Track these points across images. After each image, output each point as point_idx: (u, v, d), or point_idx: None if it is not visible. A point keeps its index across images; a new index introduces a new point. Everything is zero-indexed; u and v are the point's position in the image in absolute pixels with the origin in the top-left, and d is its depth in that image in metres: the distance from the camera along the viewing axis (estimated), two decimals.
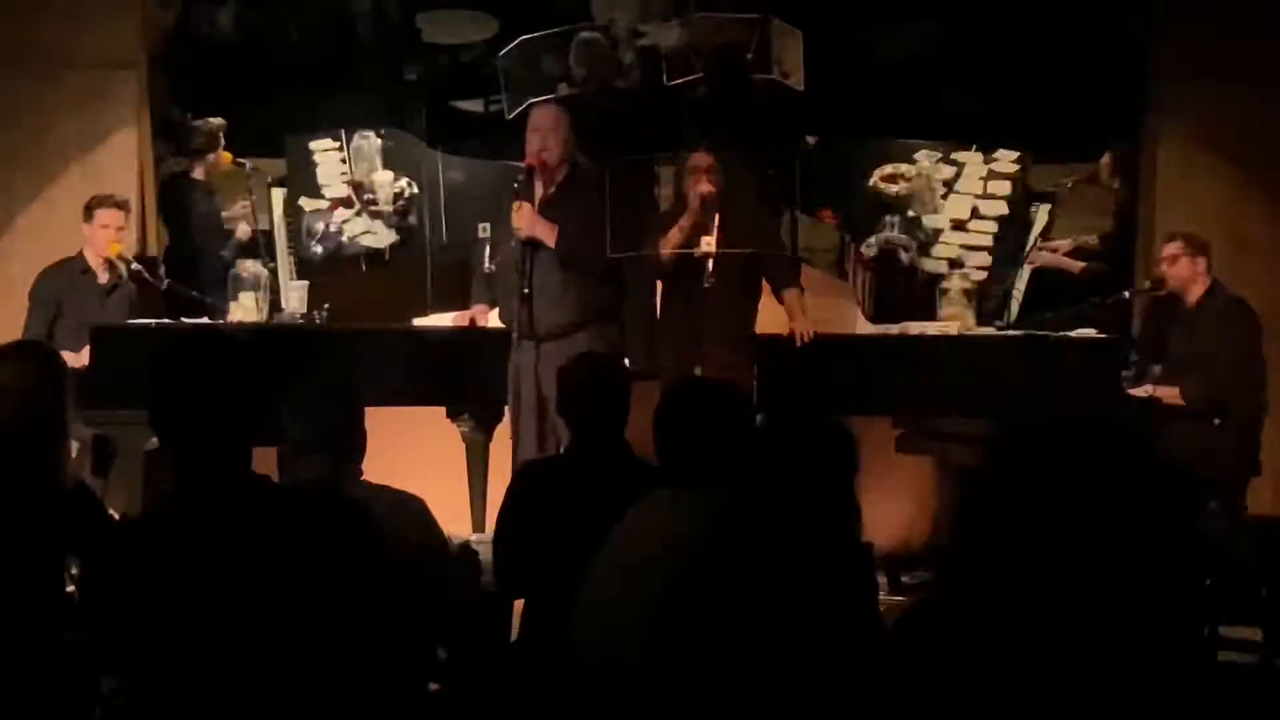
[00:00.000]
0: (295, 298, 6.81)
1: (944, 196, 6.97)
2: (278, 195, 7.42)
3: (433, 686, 3.74)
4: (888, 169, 6.98)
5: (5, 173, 7.25)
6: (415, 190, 7.27)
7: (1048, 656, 2.19)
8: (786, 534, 3.09)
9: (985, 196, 7.00)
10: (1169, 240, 6.55)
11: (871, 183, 6.98)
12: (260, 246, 7.18)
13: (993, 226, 6.96)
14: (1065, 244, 7.38)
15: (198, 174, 7.46)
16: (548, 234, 6.11)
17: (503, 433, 6.45)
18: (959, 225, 6.97)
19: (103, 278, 6.67)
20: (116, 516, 4.46)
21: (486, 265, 6.24)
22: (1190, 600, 3.26)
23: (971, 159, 7.02)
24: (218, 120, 7.38)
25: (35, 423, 3.70)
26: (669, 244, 6.15)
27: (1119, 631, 2.30)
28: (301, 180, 7.31)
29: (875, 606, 3.23)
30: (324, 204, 7.28)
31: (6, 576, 3.53)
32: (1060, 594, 2.20)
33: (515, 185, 6.18)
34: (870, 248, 6.88)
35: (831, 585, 3.05)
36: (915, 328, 6.48)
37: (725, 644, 2.97)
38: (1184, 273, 6.46)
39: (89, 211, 6.64)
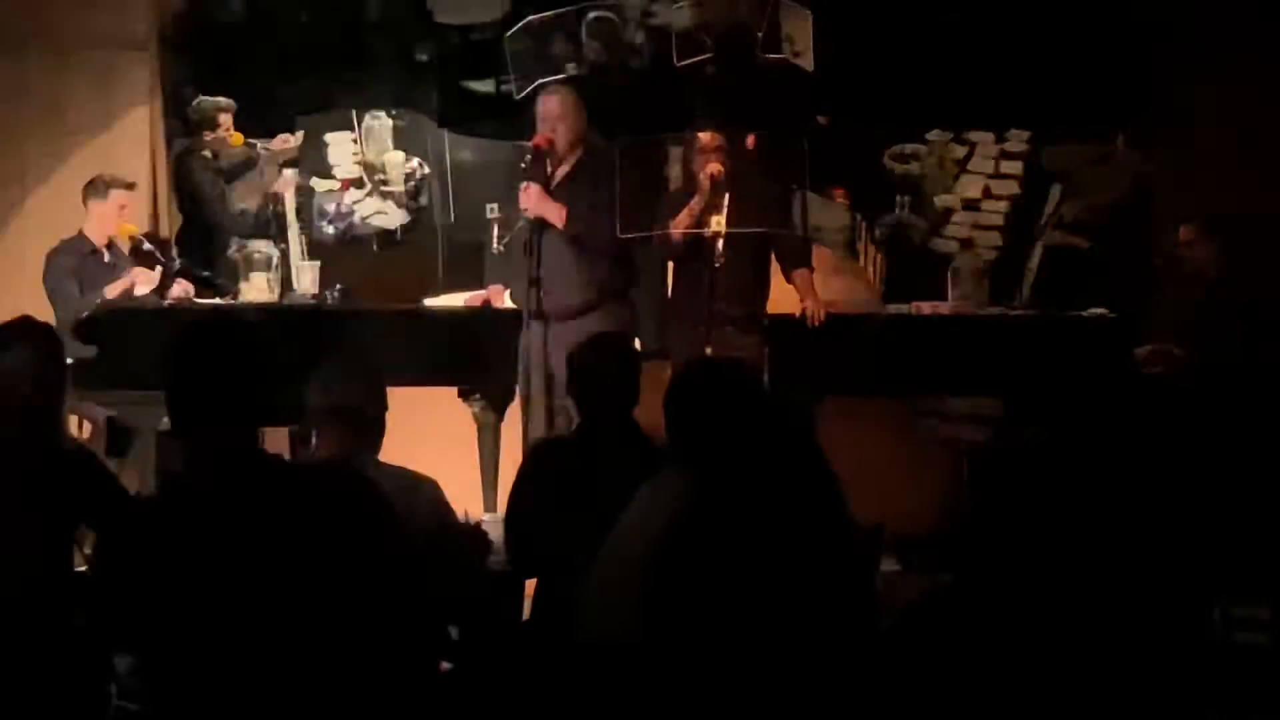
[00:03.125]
0: (307, 278, 6.82)
1: (956, 176, 6.96)
2: (289, 175, 7.42)
3: (444, 665, 3.75)
4: (899, 149, 6.97)
5: (17, 154, 7.26)
6: (426, 170, 7.27)
7: (1059, 639, 2.20)
8: (767, 510, 3.10)
9: (997, 176, 6.99)
10: (1185, 222, 6.54)
11: (883, 162, 6.97)
12: (272, 226, 7.19)
13: (1004, 206, 6.96)
14: (1078, 213, 7.34)
15: (206, 154, 7.46)
16: (556, 214, 6.11)
17: (514, 413, 6.46)
18: (971, 205, 6.96)
19: (108, 257, 6.67)
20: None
21: (496, 246, 6.24)
22: (1202, 580, 3.26)
23: (983, 139, 7.01)
24: (222, 100, 7.38)
25: (38, 402, 3.73)
26: (679, 224, 6.14)
27: (1130, 616, 2.31)
28: (313, 161, 7.32)
29: (870, 583, 3.22)
30: (335, 184, 7.28)
31: (15, 554, 3.55)
32: (1072, 578, 2.21)
33: (523, 165, 6.18)
34: (882, 227, 6.88)
35: (819, 561, 3.05)
36: (927, 307, 6.48)
37: (732, 621, 2.98)
38: (1200, 255, 6.45)
39: (102, 191, 6.64)
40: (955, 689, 2.25)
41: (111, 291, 6.45)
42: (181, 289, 6.59)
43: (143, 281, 6.55)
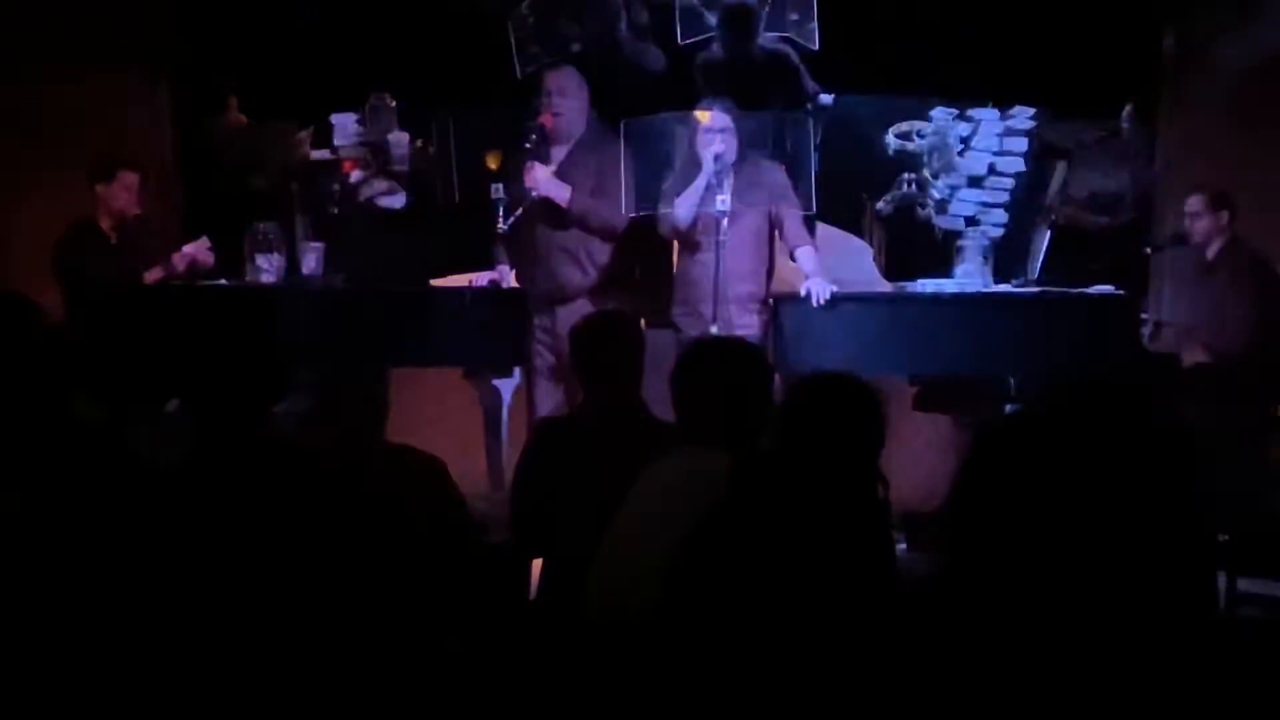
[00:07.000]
0: (312, 259, 6.82)
1: (961, 154, 6.93)
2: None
3: (451, 644, 3.77)
4: (904, 126, 6.94)
5: (28, 135, 7.27)
6: (431, 151, 7.25)
7: (1057, 620, 2.19)
8: (805, 494, 3.09)
9: (1002, 153, 6.96)
10: (1192, 194, 6.54)
11: (888, 140, 6.95)
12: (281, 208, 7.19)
13: (1010, 183, 6.93)
14: (1083, 190, 7.32)
15: (216, 137, 7.45)
16: (561, 194, 6.12)
17: (519, 393, 6.47)
18: (976, 182, 6.93)
19: (115, 239, 6.68)
20: None
21: (501, 226, 6.24)
22: (1203, 557, 3.25)
23: (988, 116, 6.97)
24: (229, 82, 7.38)
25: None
26: (683, 203, 6.14)
27: (1130, 594, 2.31)
28: (318, 142, 7.31)
29: (892, 568, 3.23)
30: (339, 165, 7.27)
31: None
32: (1068, 557, 2.20)
33: (527, 145, 6.18)
34: (886, 205, 6.86)
35: (848, 546, 3.05)
36: (932, 285, 6.47)
37: (741, 602, 2.98)
38: (1204, 228, 6.45)
39: (109, 173, 6.63)
40: (955, 674, 2.26)
41: (182, 262, 6.52)
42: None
43: (204, 255, 6.60)
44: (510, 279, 6.46)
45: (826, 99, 7.00)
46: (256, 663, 2.64)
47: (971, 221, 6.84)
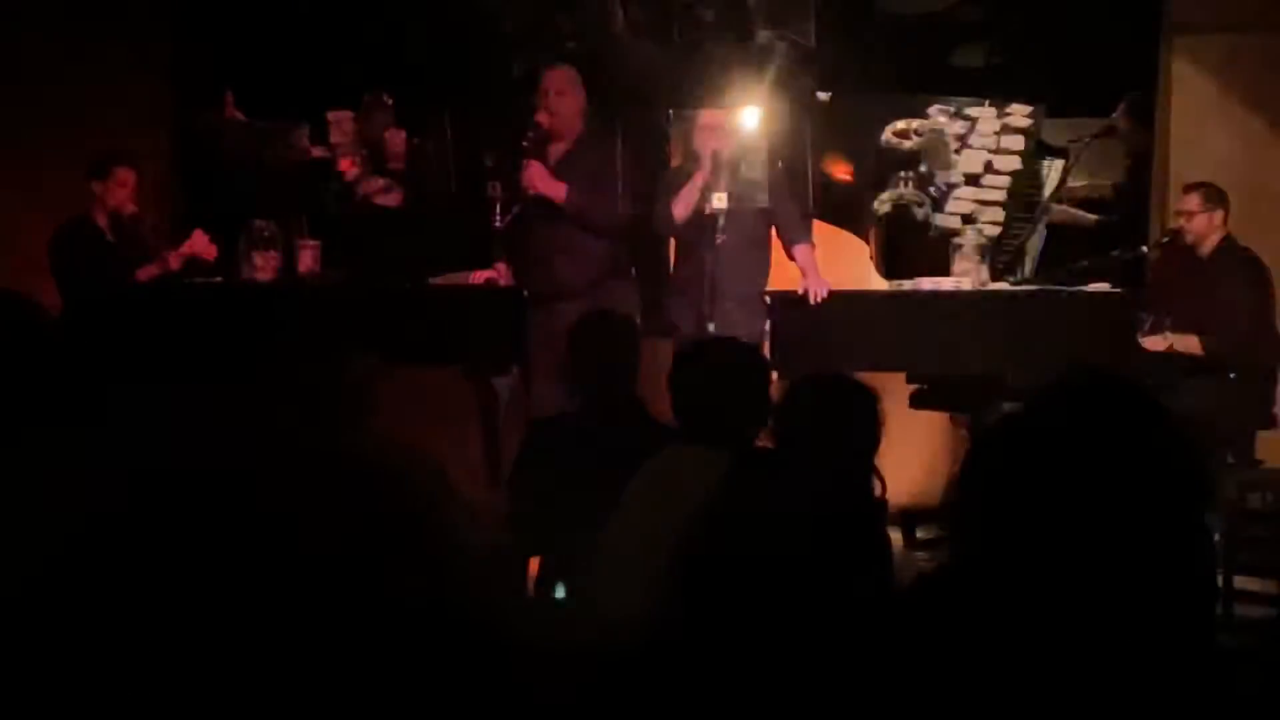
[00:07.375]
0: (309, 257, 6.82)
1: (957, 152, 6.94)
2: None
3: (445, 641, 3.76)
4: (900, 124, 6.95)
5: (29, 133, 7.27)
6: (428, 148, 7.25)
7: (1057, 619, 2.20)
8: (802, 493, 3.10)
9: (998, 151, 6.96)
10: (1186, 192, 6.54)
11: (884, 138, 6.95)
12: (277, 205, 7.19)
13: (1006, 181, 6.93)
14: (1080, 188, 7.33)
15: (211, 134, 7.44)
16: (557, 192, 6.12)
17: (516, 392, 6.47)
18: (972, 180, 6.94)
19: (111, 237, 6.67)
20: None
21: (498, 224, 6.25)
22: (1202, 553, 3.26)
23: (985, 114, 6.98)
24: (226, 79, 7.39)
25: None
26: (680, 201, 6.14)
27: (1128, 594, 2.31)
28: (314, 139, 7.31)
29: (889, 566, 3.23)
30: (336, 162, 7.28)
31: None
32: (1069, 555, 2.21)
33: (524, 143, 6.18)
34: (883, 204, 6.87)
35: (845, 545, 3.06)
36: (928, 283, 6.48)
37: (738, 602, 2.99)
38: (1200, 227, 6.46)
39: (106, 170, 6.62)
40: (954, 673, 2.26)
41: (177, 260, 6.52)
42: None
43: (203, 249, 6.59)
44: (507, 277, 6.46)
45: (823, 96, 7.01)
46: (251, 663, 2.64)
47: (968, 219, 6.85)
